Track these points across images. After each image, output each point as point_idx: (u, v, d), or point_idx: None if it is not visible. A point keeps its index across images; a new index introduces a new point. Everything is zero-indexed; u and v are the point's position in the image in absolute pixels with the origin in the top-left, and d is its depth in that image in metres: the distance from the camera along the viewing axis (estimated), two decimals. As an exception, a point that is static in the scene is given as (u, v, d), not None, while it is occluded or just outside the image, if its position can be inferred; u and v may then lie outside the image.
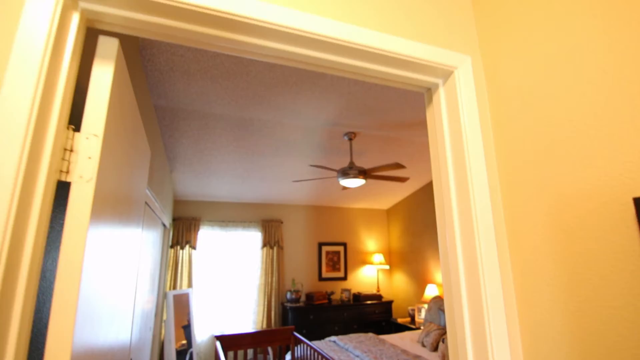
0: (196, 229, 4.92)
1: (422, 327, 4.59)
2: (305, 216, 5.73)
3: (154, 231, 3.25)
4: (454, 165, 0.82)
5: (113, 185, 0.81)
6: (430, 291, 4.77)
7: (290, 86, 2.33)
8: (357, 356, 3.19)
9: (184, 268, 4.77)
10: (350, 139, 3.51)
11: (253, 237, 5.30)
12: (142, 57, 1.98)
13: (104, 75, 0.70)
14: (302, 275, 5.48)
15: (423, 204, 5.35)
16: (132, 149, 1.12)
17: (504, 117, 0.82)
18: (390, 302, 5.38)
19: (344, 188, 3.86)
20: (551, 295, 0.70)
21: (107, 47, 0.71)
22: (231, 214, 5.25)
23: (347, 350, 3.43)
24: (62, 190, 0.75)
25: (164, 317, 4.40)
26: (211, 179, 4.43)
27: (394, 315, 5.57)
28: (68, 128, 0.63)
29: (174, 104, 2.75)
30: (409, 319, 5.08)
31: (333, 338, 3.83)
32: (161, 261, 4.35)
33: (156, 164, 2.85)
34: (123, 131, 0.90)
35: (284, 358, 3.41)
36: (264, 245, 5.24)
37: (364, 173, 3.39)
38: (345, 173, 3.37)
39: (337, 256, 5.77)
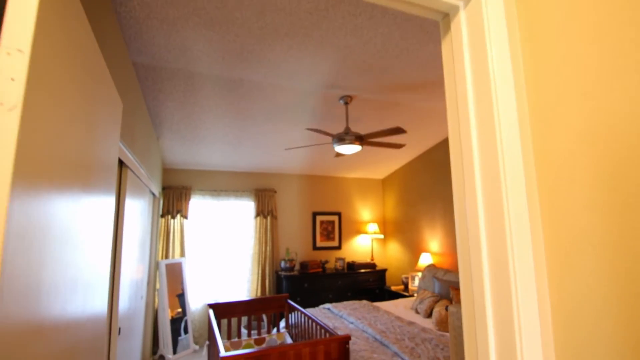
0: (187, 199, 4.79)
1: (415, 295, 4.63)
2: (299, 186, 5.61)
3: (141, 200, 3.11)
4: (477, 103, 0.68)
5: (57, 130, 0.66)
6: (425, 260, 4.78)
7: (282, 37, 2.12)
8: (352, 323, 3.18)
9: (175, 237, 4.68)
10: (347, 103, 3.33)
11: (246, 207, 5.20)
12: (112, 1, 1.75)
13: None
14: (297, 245, 5.44)
15: (419, 173, 5.25)
16: (93, 97, 0.95)
17: (538, 36, 0.66)
18: (384, 271, 5.41)
19: (337, 155, 3.72)
20: (595, 260, 0.58)
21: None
22: (223, 183, 5.12)
23: (341, 317, 3.42)
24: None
25: (157, 286, 4.36)
26: (201, 147, 4.25)
27: (388, 283, 5.62)
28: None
29: (156, 62, 2.53)
30: (402, 287, 5.12)
31: (327, 305, 3.83)
32: (152, 230, 4.24)
33: (140, 128, 2.66)
34: (73, 67, 0.73)
35: (278, 325, 3.41)
36: (258, 214, 5.15)
37: (360, 139, 3.24)
38: (340, 139, 3.22)
39: (331, 226, 5.72)
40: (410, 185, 5.45)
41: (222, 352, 1.97)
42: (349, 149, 3.27)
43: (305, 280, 4.89)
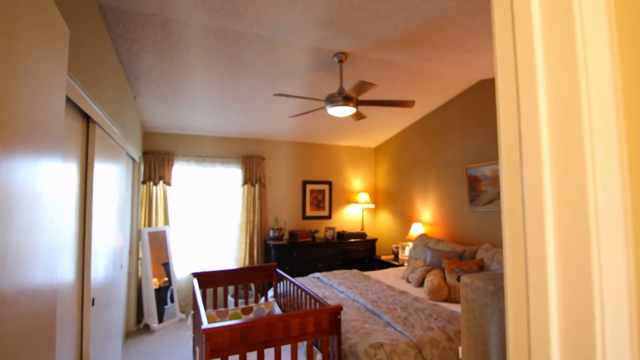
0: (170, 164, 4.54)
1: (406, 264, 4.59)
2: (288, 153, 5.39)
3: (117, 163, 2.87)
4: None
5: None
6: (416, 229, 4.70)
7: (270, -27, 1.83)
8: (342, 292, 3.09)
9: (158, 205, 4.47)
10: (341, 61, 3.07)
11: (233, 174, 4.98)
12: None
13: None
14: (286, 214, 5.30)
15: (413, 141, 5.07)
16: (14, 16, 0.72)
17: None
18: (374, 241, 5.34)
19: (323, 105, 3.49)
20: None
21: None
22: (208, 149, 4.86)
23: (331, 286, 3.34)
24: None
25: (140, 255, 4.19)
26: (184, 108, 3.95)
27: (378, 253, 5.58)
28: None
29: (126, 3, 2.21)
30: (392, 257, 5.08)
31: (317, 274, 3.74)
32: (132, 197, 4.02)
33: (110, 80, 2.37)
34: None
35: (266, 294, 3.31)
36: (245, 182, 4.95)
37: (355, 100, 3.01)
38: (334, 100, 2.98)
39: (321, 195, 5.57)
40: (404, 154, 5.29)
41: (205, 324, 1.83)
42: (343, 111, 3.05)
43: (295, 249, 4.79)
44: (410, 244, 4.83)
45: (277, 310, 3.06)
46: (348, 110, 3.05)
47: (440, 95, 4.25)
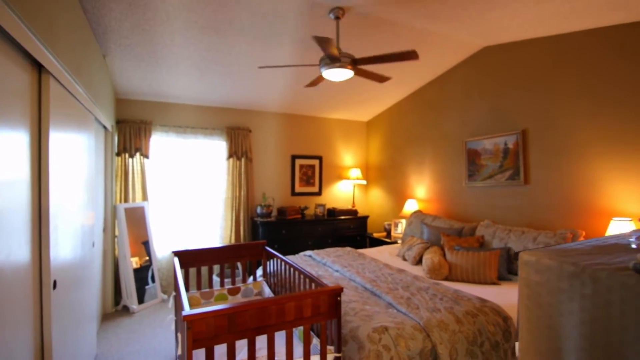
0: (147, 135, 4.17)
1: (399, 242, 4.43)
2: (276, 125, 5.07)
3: (85, 131, 2.52)
4: None
5: None
6: (410, 206, 4.53)
7: None
8: (337, 271, 2.89)
9: (136, 179, 4.12)
10: (337, 18, 2.75)
11: (217, 147, 4.64)
12: None
13: None
14: (274, 190, 5.03)
15: (408, 114, 4.82)
16: None
17: None
18: (365, 218, 5.16)
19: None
20: None
21: None
22: (190, 119, 4.48)
23: (324, 265, 3.13)
24: None
25: (117, 233, 3.88)
26: (161, 71, 3.55)
27: (369, 230, 5.42)
28: None
29: None
30: (384, 234, 4.92)
31: (308, 252, 3.53)
32: (105, 170, 3.67)
33: (68, 25, 1.99)
34: None
35: (255, 273, 3.08)
36: (230, 156, 4.63)
37: (353, 62, 2.71)
38: (329, 61, 2.68)
39: (311, 170, 5.31)
40: (398, 128, 5.04)
41: (186, 309, 1.59)
42: (339, 74, 2.75)
43: (284, 226, 4.56)
44: (404, 221, 4.67)
45: (267, 291, 2.84)
46: (345, 74, 2.76)
47: (441, 64, 3.98)
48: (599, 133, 2.76)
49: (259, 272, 3.21)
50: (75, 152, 2.25)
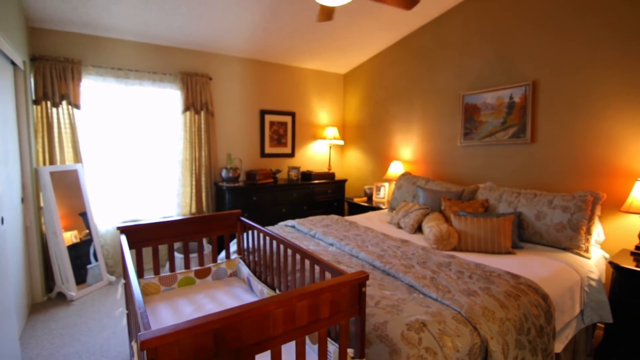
0: (76, 78, 3.24)
1: (383, 207, 4.06)
2: (242, 73, 4.29)
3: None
4: None
5: None
6: (396, 168, 4.12)
7: None
8: (331, 244, 2.41)
9: (63, 135, 3.24)
10: None
11: (170, 97, 3.81)
12: None
13: None
14: (241, 150, 4.35)
15: (394, 65, 4.28)
16: None
17: None
18: (344, 181, 4.70)
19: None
20: None
21: None
22: (132, 60, 3.57)
23: (313, 237, 2.63)
24: None
25: (42, 204, 3.05)
26: (87, -13, 2.63)
27: (348, 195, 4.99)
28: None
29: None
30: (365, 199, 4.52)
31: (290, 222, 3.00)
32: (19, 123, 2.79)
33: None
34: None
35: (228, 249, 2.52)
36: (187, 108, 3.83)
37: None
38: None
39: (283, 128, 4.66)
40: (381, 81, 4.50)
41: (142, 330, 1.02)
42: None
43: (254, 192, 3.96)
44: (386, 185, 4.28)
45: (244, 270, 2.31)
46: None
47: (435, 4, 3.43)
48: (621, 87, 2.44)
49: (233, 247, 2.65)
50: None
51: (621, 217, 2.47)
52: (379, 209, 4.02)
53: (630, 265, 2.12)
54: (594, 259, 2.33)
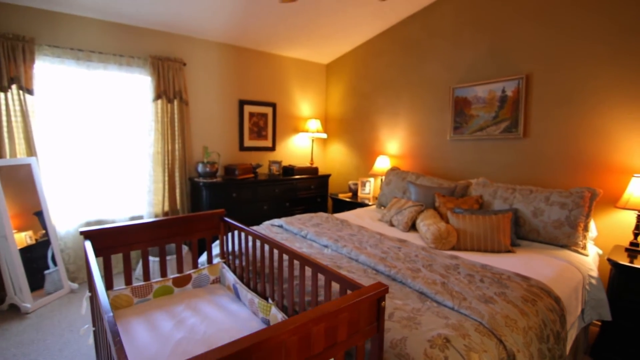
0: (28, 59, 2.83)
1: (369, 203, 3.92)
2: (220, 59, 3.98)
3: None
4: None
5: None
6: (382, 163, 3.99)
7: None
8: (326, 246, 2.22)
9: (14, 124, 2.83)
10: None
11: (139, 83, 3.45)
12: None
13: None
14: (218, 143, 4.05)
15: (380, 56, 4.12)
16: None
17: None
18: (327, 177, 4.53)
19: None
20: None
21: None
22: (95, 40, 3.18)
23: (304, 237, 2.43)
24: None
25: (-12, 202, 2.65)
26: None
27: (331, 190, 4.81)
28: None
29: None
30: (349, 194, 4.37)
31: (277, 221, 2.78)
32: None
33: None
34: None
35: (210, 252, 2.27)
36: (158, 96, 3.49)
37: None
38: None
39: (263, 120, 4.40)
40: (366, 72, 4.34)
41: (109, 320, 0.79)
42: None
43: (234, 188, 3.69)
44: (372, 180, 4.15)
45: (229, 277, 2.07)
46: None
47: (430, -9, 3.30)
48: (617, 83, 2.41)
49: (215, 250, 2.40)
50: None
51: (612, 213, 2.46)
52: (365, 205, 3.88)
53: (624, 261, 2.10)
54: (591, 256, 2.30)
